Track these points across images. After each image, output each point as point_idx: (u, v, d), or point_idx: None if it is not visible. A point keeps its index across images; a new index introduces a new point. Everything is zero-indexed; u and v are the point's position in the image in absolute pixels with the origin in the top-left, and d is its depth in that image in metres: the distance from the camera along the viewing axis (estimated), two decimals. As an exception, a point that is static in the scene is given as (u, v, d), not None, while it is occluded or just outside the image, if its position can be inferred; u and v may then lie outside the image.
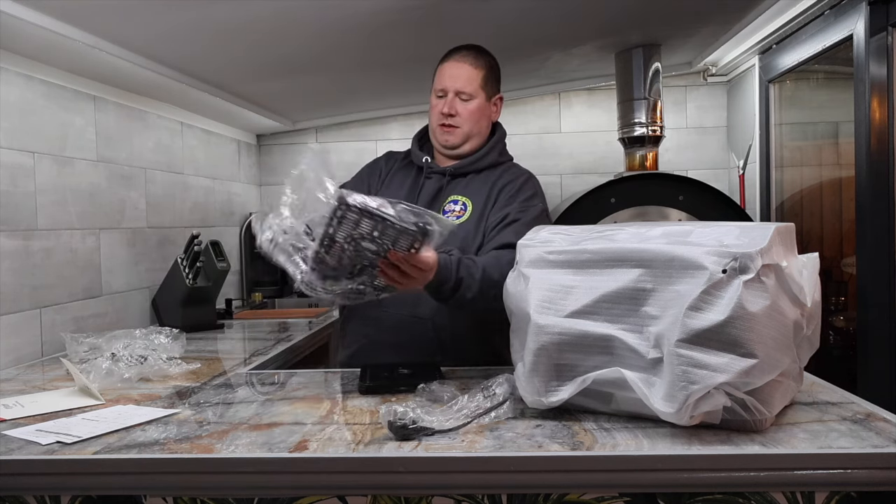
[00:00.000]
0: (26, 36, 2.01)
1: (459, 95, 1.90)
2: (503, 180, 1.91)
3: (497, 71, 1.98)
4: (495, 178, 1.92)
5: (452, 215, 1.87)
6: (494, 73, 1.96)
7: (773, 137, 3.27)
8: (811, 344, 1.35)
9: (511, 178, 1.92)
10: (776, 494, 1.12)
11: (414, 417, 1.22)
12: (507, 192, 1.88)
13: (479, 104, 1.91)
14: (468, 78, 1.90)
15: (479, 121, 1.93)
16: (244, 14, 2.15)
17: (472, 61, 1.92)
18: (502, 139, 2.01)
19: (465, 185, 1.92)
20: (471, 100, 1.90)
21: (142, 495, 1.21)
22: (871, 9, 2.26)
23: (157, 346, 1.88)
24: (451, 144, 1.93)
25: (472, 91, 1.90)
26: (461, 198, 1.90)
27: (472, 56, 1.93)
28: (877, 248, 2.24)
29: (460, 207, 1.88)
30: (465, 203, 1.89)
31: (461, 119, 1.90)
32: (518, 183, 1.91)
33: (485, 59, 1.95)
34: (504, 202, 1.86)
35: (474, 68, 1.91)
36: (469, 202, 1.88)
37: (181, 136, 3.20)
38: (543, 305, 1.28)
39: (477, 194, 1.89)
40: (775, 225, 1.25)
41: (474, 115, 1.91)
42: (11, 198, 2.13)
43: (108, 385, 1.69)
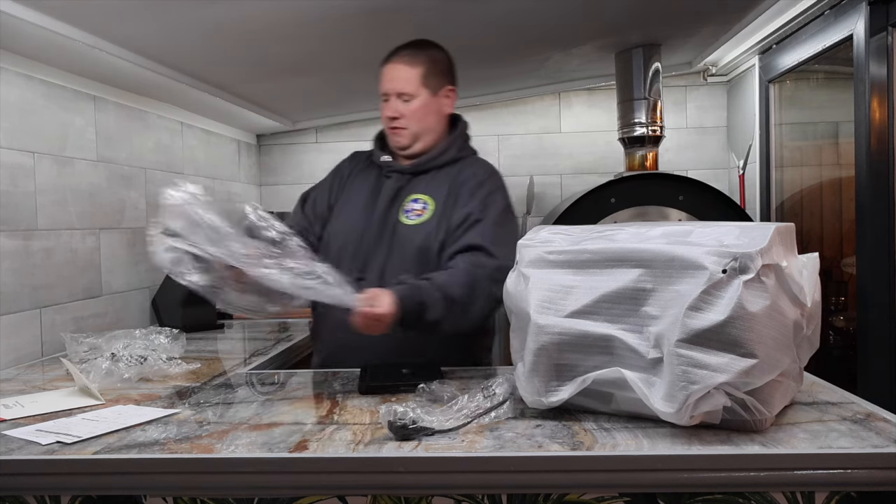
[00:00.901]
0: (26, 36, 2.01)
1: (401, 97, 1.88)
2: (464, 175, 1.89)
3: (443, 63, 1.94)
4: (456, 173, 1.90)
5: (413, 214, 1.85)
6: (438, 66, 1.92)
7: (773, 137, 3.27)
8: (811, 344, 1.35)
9: (472, 174, 1.89)
10: (776, 494, 1.12)
11: (414, 417, 1.22)
12: (469, 189, 1.86)
13: (422, 102, 1.88)
14: (405, 78, 1.88)
15: (426, 118, 1.90)
16: (244, 14, 2.15)
17: (408, 60, 1.89)
18: (463, 132, 1.98)
19: (426, 183, 1.90)
20: (412, 99, 1.88)
21: (142, 495, 1.21)
22: (871, 9, 2.26)
23: (156, 346, 1.88)
24: (401, 146, 1.92)
25: (412, 90, 1.88)
26: (422, 196, 1.88)
27: (409, 55, 1.90)
28: (877, 248, 2.24)
29: (421, 206, 1.87)
30: (426, 202, 1.87)
31: (406, 120, 1.89)
32: (479, 178, 1.88)
33: (424, 55, 1.91)
34: (465, 199, 1.84)
35: (410, 67, 1.88)
36: (430, 200, 1.87)
37: (181, 136, 3.20)
38: (543, 305, 1.28)
39: (438, 192, 1.87)
40: (775, 225, 1.25)
41: (418, 113, 1.89)
42: (11, 198, 2.13)
43: (107, 385, 1.69)
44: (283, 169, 4.06)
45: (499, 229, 1.80)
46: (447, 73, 1.94)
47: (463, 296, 1.67)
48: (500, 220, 1.83)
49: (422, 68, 1.88)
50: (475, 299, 1.69)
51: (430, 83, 1.89)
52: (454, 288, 1.66)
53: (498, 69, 3.36)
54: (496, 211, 1.83)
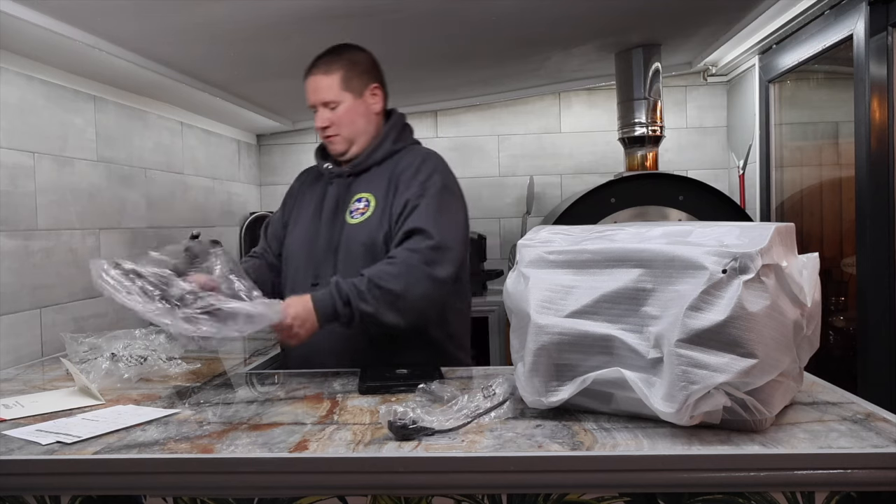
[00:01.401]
0: (26, 36, 2.02)
1: (327, 105, 1.91)
2: (400, 166, 1.89)
3: (362, 64, 1.94)
4: (394, 165, 1.91)
5: (357, 213, 1.87)
6: (357, 67, 1.93)
7: (773, 137, 3.27)
8: (811, 344, 1.35)
9: (408, 163, 1.90)
10: (776, 494, 1.12)
11: (414, 417, 1.22)
12: (406, 178, 1.86)
13: (347, 106, 1.90)
14: (325, 87, 1.90)
15: (355, 121, 1.92)
16: (244, 14, 2.15)
17: (325, 69, 1.91)
18: (397, 124, 1.98)
19: (367, 181, 1.92)
20: (337, 105, 1.90)
21: (142, 495, 1.21)
22: (871, 9, 2.26)
23: (156, 346, 1.88)
24: (338, 152, 1.95)
25: (334, 97, 1.90)
26: (364, 195, 1.89)
27: (325, 64, 1.92)
28: (877, 248, 2.24)
29: (364, 205, 1.88)
30: (368, 199, 1.88)
31: (336, 126, 1.91)
32: (415, 165, 1.88)
33: (340, 60, 1.92)
34: (403, 189, 1.84)
35: (327, 75, 1.90)
36: (371, 197, 1.88)
37: (181, 136, 3.20)
38: (543, 305, 1.28)
39: (378, 187, 1.89)
40: (775, 225, 1.25)
41: (345, 118, 1.91)
42: (11, 198, 2.13)
43: (107, 385, 1.69)
44: (283, 169, 4.06)
45: (436, 211, 1.80)
46: (369, 72, 1.95)
47: (394, 283, 1.68)
48: (437, 202, 1.82)
49: (339, 74, 1.90)
50: (410, 284, 1.69)
51: (352, 86, 1.91)
52: (385, 277, 1.68)
53: (498, 69, 3.36)
54: (433, 192, 1.83)
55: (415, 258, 1.71)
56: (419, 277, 1.70)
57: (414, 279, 1.70)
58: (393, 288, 1.67)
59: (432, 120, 4.00)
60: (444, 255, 1.75)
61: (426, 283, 1.71)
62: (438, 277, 1.73)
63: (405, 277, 1.69)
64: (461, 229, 1.86)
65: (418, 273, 1.70)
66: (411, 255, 1.72)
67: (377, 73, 1.97)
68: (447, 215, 1.81)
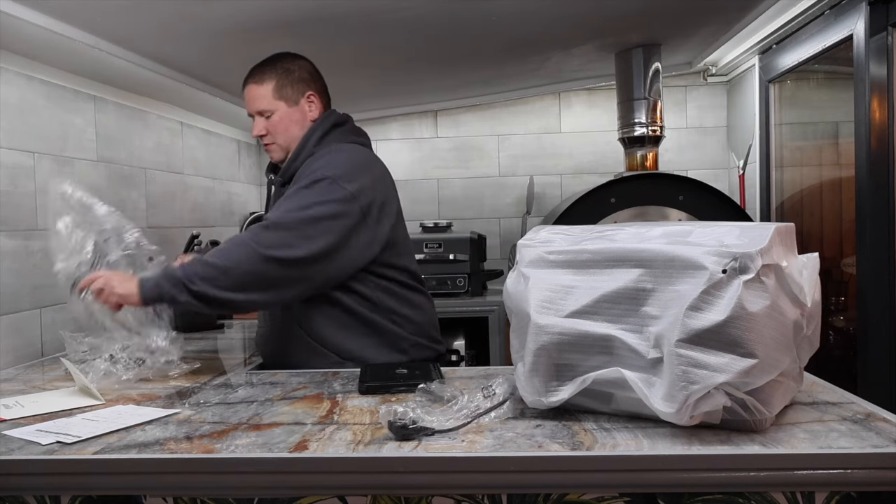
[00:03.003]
0: (26, 36, 2.02)
1: (262, 114, 1.95)
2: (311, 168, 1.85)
3: (297, 72, 1.95)
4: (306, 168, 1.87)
5: None
6: (291, 76, 1.94)
7: (773, 137, 3.27)
8: (811, 344, 1.35)
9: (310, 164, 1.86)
10: (776, 494, 1.12)
11: (414, 417, 1.22)
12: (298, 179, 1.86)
13: (281, 114, 1.93)
14: (258, 97, 1.94)
15: (290, 128, 1.95)
16: (244, 14, 2.15)
17: (257, 79, 1.95)
18: (320, 128, 1.94)
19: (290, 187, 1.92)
20: (272, 114, 1.94)
21: (142, 495, 1.21)
22: (871, 9, 2.26)
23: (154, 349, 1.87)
24: (277, 160, 1.99)
25: (267, 106, 1.93)
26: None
27: (258, 74, 1.95)
28: (877, 248, 2.24)
29: None
30: None
31: (272, 135, 1.95)
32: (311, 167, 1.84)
33: (273, 70, 1.94)
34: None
35: (259, 85, 1.94)
36: None
37: (181, 136, 3.20)
38: (543, 305, 1.28)
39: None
40: (775, 225, 1.25)
41: (280, 126, 1.94)
42: (11, 198, 2.13)
43: (106, 386, 1.69)
44: (283, 169, 4.05)
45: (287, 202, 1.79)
46: (305, 80, 1.96)
47: (221, 258, 1.70)
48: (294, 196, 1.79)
49: (272, 83, 1.93)
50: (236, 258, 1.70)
51: (286, 94, 1.93)
52: (213, 254, 1.72)
53: (498, 69, 3.36)
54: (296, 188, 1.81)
55: (244, 237, 1.74)
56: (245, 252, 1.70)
57: (239, 252, 1.70)
58: (217, 262, 1.69)
59: (432, 120, 4.00)
60: (271, 234, 1.71)
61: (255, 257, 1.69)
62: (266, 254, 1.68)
63: (230, 252, 1.71)
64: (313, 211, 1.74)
65: (246, 247, 1.70)
66: (243, 235, 1.77)
67: (314, 81, 1.99)
68: (296, 201, 1.77)
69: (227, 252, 1.72)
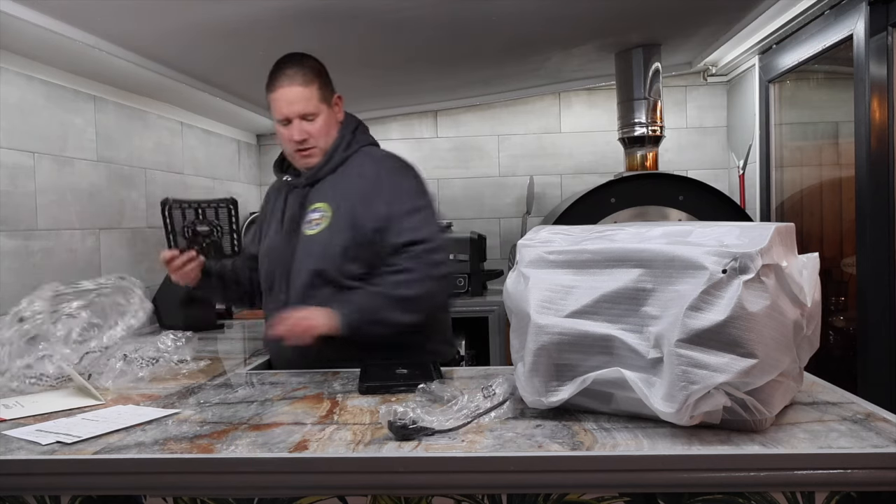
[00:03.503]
0: (26, 36, 2.02)
1: (305, 118, 1.85)
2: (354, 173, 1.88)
3: (326, 72, 1.91)
4: (350, 174, 1.89)
5: (313, 224, 1.86)
6: (324, 77, 1.90)
7: (773, 137, 3.27)
8: (811, 344, 1.35)
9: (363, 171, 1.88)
10: (776, 494, 1.12)
11: (414, 417, 1.22)
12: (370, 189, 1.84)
13: (325, 117, 1.87)
14: (304, 99, 1.84)
15: (330, 132, 1.90)
16: (244, 14, 2.15)
17: (302, 79, 1.85)
18: (349, 128, 1.95)
19: (323, 190, 1.90)
20: (316, 117, 1.86)
21: (142, 495, 1.21)
22: (871, 9, 2.26)
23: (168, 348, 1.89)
24: (314, 166, 1.90)
25: (314, 109, 1.85)
26: (321, 205, 1.88)
27: (300, 73, 1.85)
28: (877, 248, 2.24)
29: (319, 215, 1.86)
30: (324, 210, 1.87)
31: (315, 139, 1.87)
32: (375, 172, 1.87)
33: (312, 71, 1.88)
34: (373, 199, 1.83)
35: (304, 87, 1.85)
36: (327, 207, 1.86)
37: (181, 136, 3.20)
38: (543, 305, 1.28)
39: (333, 197, 1.87)
40: (775, 225, 1.25)
41: (324, 129, 1.88)
42: (11, 198, 2.13)
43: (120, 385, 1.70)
44: (283, 169, 4.05)
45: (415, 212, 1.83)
46: (330, 81, 1.93)
47: (413, 291, 1.76)
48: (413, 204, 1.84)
49: (316, 84, 1.86)
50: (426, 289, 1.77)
51: (326, 97, 1.89)
52: (402, 287, 1.75)
53: (498, 69, 3.37)
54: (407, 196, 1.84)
55: (420, 265, 1.77)
56: (431, 280, 1.78)
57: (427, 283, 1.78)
58: (410, 295, 1.75)
59: (432, 120, 4.00)
60: (438, 254, 1.80)
61: (438, 282, 1.80)
62: (442, 273, 1.81)
63: (420, 284, 1.76)
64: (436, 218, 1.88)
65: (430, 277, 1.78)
66: (417, 263, 1.77)
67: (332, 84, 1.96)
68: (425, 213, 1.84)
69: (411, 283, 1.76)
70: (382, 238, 1.80)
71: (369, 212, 1.82)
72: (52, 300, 1.76)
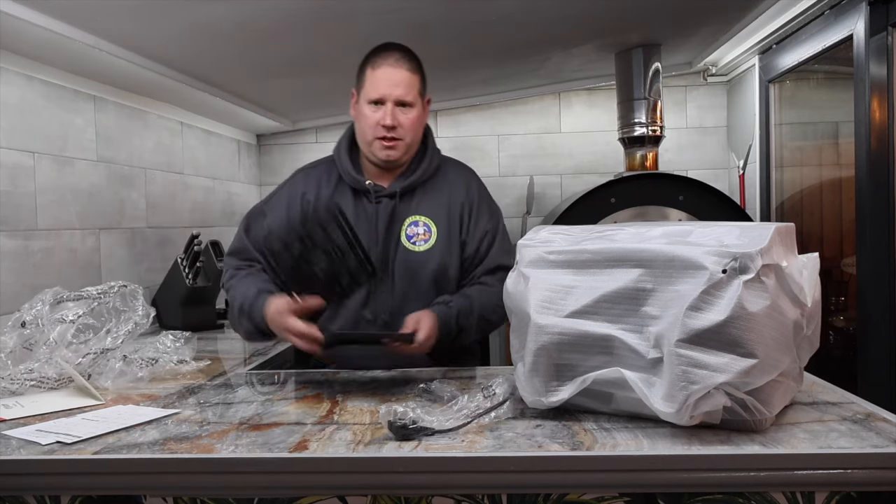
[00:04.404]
0: (26, 36, 2.02)
1: (400, 105, 1.73)
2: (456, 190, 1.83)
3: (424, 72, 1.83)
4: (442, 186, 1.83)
5: (419, 239, 1.78)
6: (424, 73, 1.81)
7: (773, 137, 3.27)
8: (811, 344, 1.35)
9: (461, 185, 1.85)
10: (776, 494, 1.12)
11: (414, 417, 1.22)
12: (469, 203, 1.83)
13: (418, 112, 1.77)
14: (409, 84, 1.73)
15: (419, 130, 1.80)
16: (244, 14, 2.15)
17: (409, 65, 1.74)
18: (431, 135, 1.89)
19: (417, 201, 1.81)
20: (412, 109, 1.75)
21: (142, 495, 1.21)
22: (871, 9, 2.26)
23: (167, 349, 1.89)
24: (393, 159, 1.77)
25: (413, 99, 1.74)
26: (421, 218, 1.79)
27: (407, 59, 1.75)
28: (877, 248, 2.24)
29: (423, 230, 1.78)
30: (428, 224, 1.79)
31: (404, 130, 1.74)
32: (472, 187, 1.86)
33: (417, 62, 1.78)
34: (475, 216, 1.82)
35: (412, 73, 1.74)
36: (431, 223, 1.79)
37: (181, 136, 3.20)
38: (543, 305, 1.28)
39: (435, 212, 1.80)
40: (775, 225, 1.25)
41: (415, 124, 1.76)
42: (11, 198, 2.13)
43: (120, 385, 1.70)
44: (283, 169, 4.05)
45: (506, 237, 1.87)
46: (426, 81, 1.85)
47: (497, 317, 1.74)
48: (503, 226, 1.88)
49: (419, 75, 1.77)
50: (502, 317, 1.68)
51: (423, 92, 1.80)
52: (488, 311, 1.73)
53: (498, 69, 3.37)
54: (499, 217, 1.88)
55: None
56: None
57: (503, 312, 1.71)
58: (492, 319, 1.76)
59: (432, 120, 3.99)
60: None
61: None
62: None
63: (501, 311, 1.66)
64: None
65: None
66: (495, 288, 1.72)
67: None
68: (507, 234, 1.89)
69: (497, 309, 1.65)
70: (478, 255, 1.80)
71: (475, 230, 1.80)
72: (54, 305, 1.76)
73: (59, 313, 1.74)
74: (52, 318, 1.72)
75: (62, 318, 1.73)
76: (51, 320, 1.72)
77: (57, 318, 1.73)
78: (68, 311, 1.75)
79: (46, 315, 1.72)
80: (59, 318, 1.73)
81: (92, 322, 1.79)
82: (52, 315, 1.73)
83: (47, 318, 1.72)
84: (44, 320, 1.71)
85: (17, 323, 1.72)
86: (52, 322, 1.72)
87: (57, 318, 1.73)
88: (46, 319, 1.72)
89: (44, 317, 1.72)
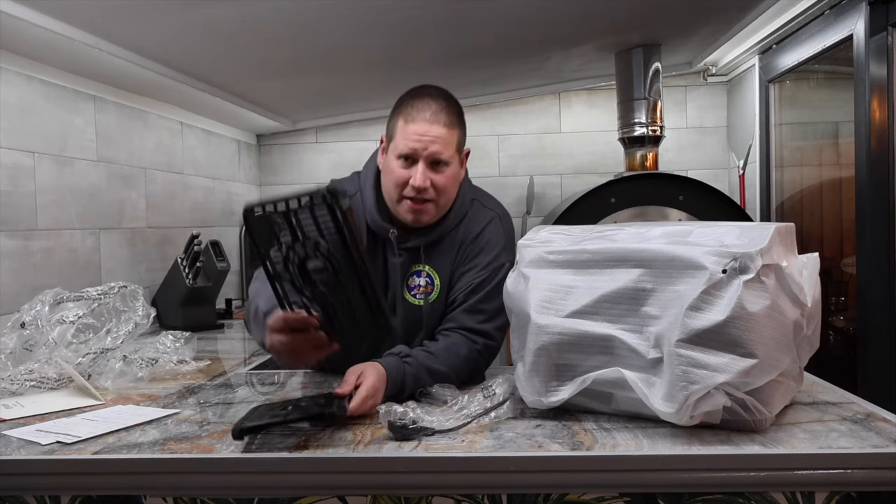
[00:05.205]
0: (26, 36, 2.01)
1: (434, 163, 1.52)
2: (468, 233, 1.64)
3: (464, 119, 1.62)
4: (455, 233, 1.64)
5: (420, 292, 1.63)
6: (464, 124, 1.60)
7: (773, 137, 3.27)
8: (811, 344, 1.35)
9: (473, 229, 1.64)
10: (776, 494, 1.12)
11: (414, 417, 1.22)
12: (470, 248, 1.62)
13: (454, 170, 1.56)
14: (446, 141, 1.51)
15: (452, 190, 1.58)
16: (244, 14, 2.15)
17: (447, 120, 1.52)
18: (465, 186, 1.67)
19: (427, 251, 1.63)
20: (448, 167, 1.54)
21: (142, 495, 1.21)
22: (871, 9, 2.26)
23: (167, 349, 1.90)
24: (422, 223, 1.59)
25: (448, 157, 1.53)
26: (425, 268, 1.63)
27: (446, 112, 1.53)
28: (877, 248, 2.24)
29: (425, 282, 1.63)
30: (431, 275, 1.63)
31: (436, 192, 1.54)
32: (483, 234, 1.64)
33: (458, 114, 1.57)
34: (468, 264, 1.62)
35: (449, 129, 1.52)
36: (435, 274, 1.63)
37: (181, 136, 3.20)
38: (543, 305, 1.28)
39: (438, 262, 1.63)
40: (775, 225, 1.25)
41: (449, 184, 1.56)
42: (11, 198, 2.13)
43: (120, 385, 1.70)
44: (283, 169, 4.06)
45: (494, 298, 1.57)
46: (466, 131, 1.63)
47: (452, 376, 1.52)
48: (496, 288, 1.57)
49: (458, 131, 1.55)
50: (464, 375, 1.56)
51: (461, 147, 1.58)
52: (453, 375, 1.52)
53: (498, 69, 3.36)
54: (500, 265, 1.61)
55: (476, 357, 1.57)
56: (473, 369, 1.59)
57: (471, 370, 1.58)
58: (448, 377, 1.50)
59: (432, 120, 4.00)
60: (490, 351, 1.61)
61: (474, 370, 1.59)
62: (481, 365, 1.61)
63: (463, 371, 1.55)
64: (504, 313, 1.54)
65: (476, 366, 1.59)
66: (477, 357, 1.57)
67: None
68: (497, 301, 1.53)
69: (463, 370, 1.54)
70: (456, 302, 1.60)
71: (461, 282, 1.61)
72: (54, 306, 1.76)
73: (59, 314, 1.74)
74: (51, 319, 1.72)
75: (62, 318, 1.73)
76: (51, 321, 1.72)
77: (57, 319, 1.73)
78: (68, 312, 1.75)
79: (46, 315, 1.72)
80: (58, 319, 1.73)
81: (92, 322, 1.79)
82: (51, 315, 1.73)
83: (47, 319, 1.72)
84: (43, 321, 1.71)
85: (17, 324, 1.72)
86: (51, 323, 1.72)
87: (57, 319, 1.73)
88: (46, 320, 1.72)
89: (43, 317, 1.72)
